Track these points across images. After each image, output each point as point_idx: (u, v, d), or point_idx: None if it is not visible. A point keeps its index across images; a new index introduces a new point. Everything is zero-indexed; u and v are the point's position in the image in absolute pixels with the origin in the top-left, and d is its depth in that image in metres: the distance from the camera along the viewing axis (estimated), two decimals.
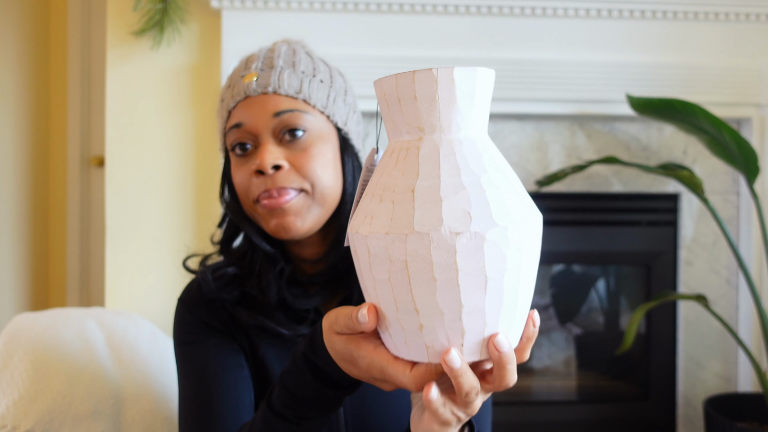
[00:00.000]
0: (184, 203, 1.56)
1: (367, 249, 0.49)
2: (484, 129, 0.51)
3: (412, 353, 0.50)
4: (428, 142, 0.49)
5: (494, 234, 0.45)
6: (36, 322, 1.10)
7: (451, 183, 0.47)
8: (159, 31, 1.50)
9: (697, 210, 1.67)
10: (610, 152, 1.63)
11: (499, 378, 0.51)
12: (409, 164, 0.49)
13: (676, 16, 1.60)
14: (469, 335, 0.48)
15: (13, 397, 0.99)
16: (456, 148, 0.48)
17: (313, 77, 0.80)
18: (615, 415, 1.70)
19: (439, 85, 0.47)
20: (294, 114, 0.77)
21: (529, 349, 0.53)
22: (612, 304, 1.86)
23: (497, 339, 0.48)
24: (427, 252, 0.45)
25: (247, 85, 0.78)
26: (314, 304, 0.81)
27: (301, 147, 0.77)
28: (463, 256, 0.45)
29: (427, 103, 0.48)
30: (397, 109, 0.50)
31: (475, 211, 0.46)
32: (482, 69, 0.49)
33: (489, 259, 0.46)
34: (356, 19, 1.54)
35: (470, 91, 0.48)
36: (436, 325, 0.47)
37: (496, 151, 0.51)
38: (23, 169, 1.93)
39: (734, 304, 1.68)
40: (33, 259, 1.98)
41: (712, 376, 1.68)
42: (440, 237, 0.45)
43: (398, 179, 0.49)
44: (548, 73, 1.57)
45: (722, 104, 1.59)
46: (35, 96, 1.98)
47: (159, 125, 1.55)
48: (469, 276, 0.46)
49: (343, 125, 0.81)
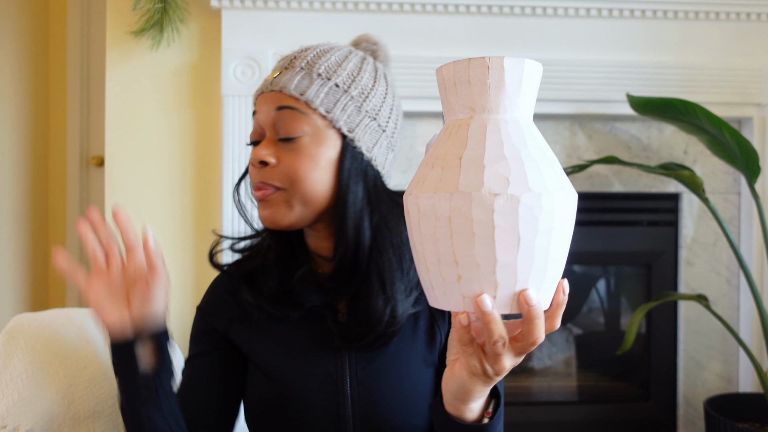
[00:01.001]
0: (184, 203, 1.55)
1: (418, 208, 0.55)
2: (529, 113, 0.57)
3: (451, 303, 0.56)
4: (478, 120, 0.56)
5: (528, 198, 0.51)
6: (36, 322, 1.10)
7: (494, 153, 0.53)
8: (158, 30, 1.50)
9: (698, 210, 1.67)
10: (610, 152, 1.63)
11: (528, 333, 0.55)
12: (459, 138, 0.56)
13: (677, 16, 1.60)
14: (501, 288, 0.53)
15: (12, 397, 0.99)
16: (501, 126, 0.55)
17: (328, 80, 0.80)
18: (615, 416, 1.70)
19: (490, 71, 0.55)
20: (293, 113, 0.78)
21: (558, 317, 0.57)
22: (612, 304, 1.86)
23: (527, 293, 0.53)
24: (468, 209, 0.52)
25: (268, 81, 0.82)
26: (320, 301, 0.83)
27: (292, 148, 0.78)
28: (500, 215, 0.51)
29: (479, 87, 0.55)
30: (453, 92, 0.57)
31: (513, 177, 0.52)
32: (530, 61, 0.55)
33: (523, 220, 0.52)
34: (356, 19, 1.54)
35: (518, 79, 0.55)
36: (472, 276, 0.54)
37: (537, 133, 0.57)
38: (23, 169, 1.93)
39: (735, 304, 1.68)
40: (33, 259, 1.97)
41: (712, 376, 1.68)
42: (481, 197, 0.52)
43: (449, 150, 0.55)
44: (548, 73, 1.57)
45: (723, 104, 1.59)
46: (35, 96, 1.98)
47: (158, 125, 1.55)
48: (504, 233, 0.52)
49: (348, 132, 0.81)
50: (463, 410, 0.65)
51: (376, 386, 0.81)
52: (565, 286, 0.57)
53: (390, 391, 0.81)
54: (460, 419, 0.66)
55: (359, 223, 0.81)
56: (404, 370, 0.82)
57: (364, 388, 0.81)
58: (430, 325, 0.84)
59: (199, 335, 0.90)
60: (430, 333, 0.84)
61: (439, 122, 1.62)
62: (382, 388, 0.81)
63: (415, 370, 0.82)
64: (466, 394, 0.63)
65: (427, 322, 0.84)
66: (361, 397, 0.81)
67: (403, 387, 0.81)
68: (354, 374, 0.81)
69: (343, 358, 0.82)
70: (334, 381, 0.81)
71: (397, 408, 0.80)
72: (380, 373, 0.81)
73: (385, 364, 0.81)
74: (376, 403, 0.80)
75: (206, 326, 0.89)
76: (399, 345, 0.82)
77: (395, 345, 0.82)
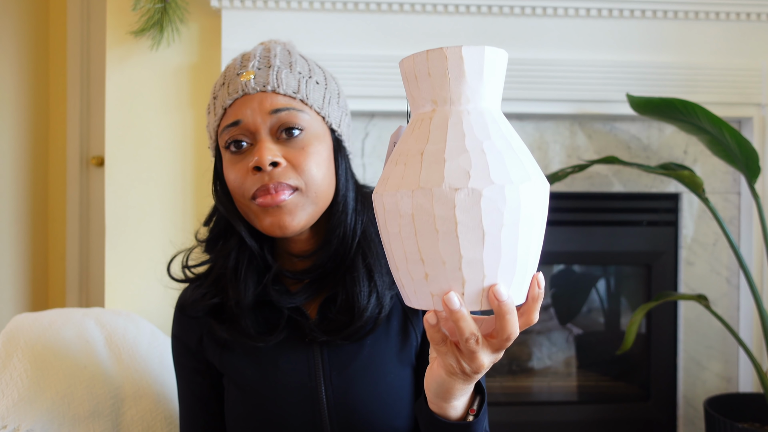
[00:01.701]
0: (184, 203, 1.55)
1: (383, 206, 0.55)
2: (495, 102, 0.55)
3: (421, 302, 0.55)
4: (440, 113, 0.54)
5: (490, 191, 0.50)
6: (35, 322, 1.10)
7: (455, 147, 0.52)
8: (158, 30, 1.50)
9: (698, 210, 1.67)
10: (610, 152, 1.63)
11: (501, 329, 0.54)
12: (421, 132, 0.55)
13: (677, 15, 1.60)
14: (469, 284, 0.52)
15: (12, 397, 0.99)
16: (464, 117, 0.53)
17: (309, 78, 0.81)
18: (615, 416, 1.70)
19: (449, 61, 0.53)
20: (291, 113, 0.77)
21: (535, 311, 0.56)
22: (612, 304, 1.86)
23: (496, 288, 0.52)
24: (430, 206, 0.51)
25: (245, 82, 0.78)
26: (299, 302, 0.82)
27: (297, 145, 0.77)
28: (462, 210, 0.50)
29: (439, 79, 0.54)
30: (415, 85, 0.55)
31: (475, 171, 0.51)
32: (490, 48, 0.53)
33: (486, 214, 0.50)
34: (356, 19, 1.54)
35: (478, 68, 0.53)
36: (438, 274, 0.53)
37: (504, 123, 0.55)
38: (23, 169, 1.93)
39: (735, 304, 1.68)
40: (32, 259, 1.97)
41: (712, 376, 1.68)
42: (441, 192, 0.50)
43: (411, 145, 0.55)
44: (548, 72, 1.57)
45: (723, 104, 1.59)
46: (35, 96, 1.98)
47: (159, 125, 1.55)
48: (467, 229, 0.51)
49: (337, 127, 0.82)
50: (446, 408, 0.64)
51: (352, 391, 0.79)
52: (540, 279, 0.55)
53: (366, 395, 0.79)
54: (444, 417, 0.65)
55: (354, 217, 0.82)
56: (379, 372, 0.80)
57: (340, 395, 0.79)
58: (403, 325, 0.84)
59: (179, 360, 0.91)
60: (403, 332, 0.83)
61: None
62: (359, 393, 0.79)
63: (390, 372, 0.81)
64: (447, 392, 0.62)
65: (400, 322, 0.83)
66: (337, 404, 0.79)
67: (380, 389, 0.80)
68: (329, 382, 0.80)
69: (317, 367, 0.80)
70: (309, 390, 0.80)
71: (375, 411, 0.79)
72: (355, 378, 0.80)
73: (359, 369, 0.80)
74: (354, 409, 0.79)
75: (182, 349, 0.89)
76: (373, 348, 0.81)
77: (369, 348, 0.81)
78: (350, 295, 0.79)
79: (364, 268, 0.80)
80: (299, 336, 0.82)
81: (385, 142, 1.60)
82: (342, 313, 0.79)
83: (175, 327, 0.91)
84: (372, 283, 0.80)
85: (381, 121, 1.60)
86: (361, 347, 0.81)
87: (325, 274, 0.83)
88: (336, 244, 0.81)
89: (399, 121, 1.60)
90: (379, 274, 0.81)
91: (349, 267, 0.81)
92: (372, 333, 0.80)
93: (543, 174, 0.55)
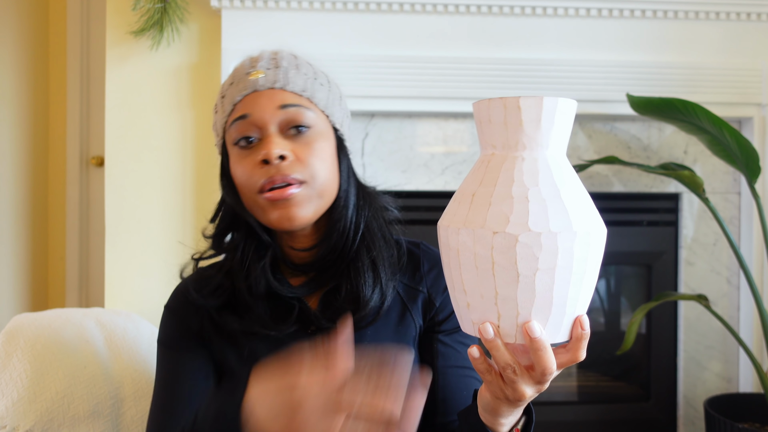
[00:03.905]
0: (184, 203, 1.55)
1: (440, 237, 0.61)
2: (553, 149, 0.59)
3: (466, 326, 0.61)
4: (497, 158, 0.59)
5: (526, 237, 0.54)
6: (35, 323, 1.10)
7: (502, 191, 0.56)
8: (158, 30, 1.50)
9: (698, 210, 1.67)
10: (610, 152, 1.63)
11: (536, 364, 0.57)
12: (479, 173, 0.60)
13: (677, 15, 1.59)
14: (503, 319, 0.57)
15: (12, 397, 0.99)
16: (517, 163, 0.57)
17: (315, 79, 0.85)
18: (616, 416, 1.70)
19: (507, 111, 0.57)
20: (300, 110, 0.80)
21: (580, 350, 0.59)
22: (612, 304, 1.86)
23: (530, 325, 0.56)
24: (472, 244, 0.56)
25: (254, 80, 0.81)
26: (302, 293, 0.84)
27: (304, 141, 0.80)
28: (498, 252, 0.55)
29: (498, 126, 0.58)
30: (480, 129, 0.60)
31: (514, 216, 0.55)
32: (549, 98, 0.57)
33: (521, 258, 0.54)
34: (356, 19, 1.54)
35: (536, 117, 0.57)
36: (478, 305, 0.58)
37: (558, 170, 0.58)
38: (23, 169, 1.93)
39: (735, 304, 1.68)
40: (32, 259, 1.97)
41: (712, 376, 1.68)
42: (482, 234, 0.55)
43: (468, 185, 0.60)
44: (548, 73, 1.57)
45: (723, 104, 1.59)
46: (34, 96, 1.97)
47: (158, 125, 1.55)
48: (502, 269, 0.55)
49: (339, 126, 0.86)
50: (494, 423, 0.68)
51: None
52: (583, 321, 0.58)
53: None
54: (492, 430, 0.68)
55: (356, 212, 0.85)
56: None
57: None
58: (402, 316, 0.87)
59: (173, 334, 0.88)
60: (402, 323, 0.86)
61: (438, 122, 1.62)
62: None
63: None
64: (493, 411, 0.66)
65: (399, 313, 0.87)
66: None
67: None
68: None
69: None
70: None
71: None
72: None
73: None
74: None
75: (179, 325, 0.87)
76: (373, 339, 0.84)
77: (369, 339, 0.84)
78: (355, 286, 0.82)
79: (369, 260, 0.84)
80: (302, 328, 0.84)
81: (385, 142, 1.60)
82: (347, 303, 0.82)
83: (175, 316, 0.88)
84: (376, 274, 0.83)
85: (381, 121, 1.60)
86: (362, 338, 0.83)
87: (325, 267, 0.85)
88: (336, 238, 0.83)
89: (399, 121, 1.60)
90: (383, 267, 0.84)
91: (353, 259, 0.84)
92: (374, 323, 0.83)
93: (599, 222, 0.58)
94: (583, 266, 0.56)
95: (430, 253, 0.92)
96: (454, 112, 1.58)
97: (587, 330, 0.58)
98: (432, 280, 0.89)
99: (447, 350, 0.87)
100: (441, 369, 0.85)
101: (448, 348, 0.87)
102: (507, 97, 0.57)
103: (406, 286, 0.88)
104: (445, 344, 0.87)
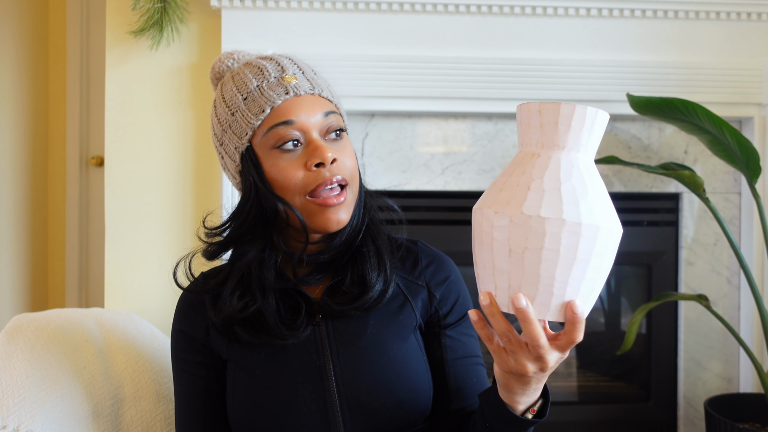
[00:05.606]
0: (184, 203, 1.55)
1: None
2: (583, 152, 0.65)
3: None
4: (532, 155, 0.65)
5: (518, 218, 0.61)
6: (35, 323, 1.10)
7: (536, 184, 0.62)
8: (158, 30, 1.50)
9: (698, 210, 1.67)
10: (610, 152, 1.63)
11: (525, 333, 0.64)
12: (515, 167, 0.66)
13: (677, 15, 1.59)
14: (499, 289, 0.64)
15: (12, 397, 0.99)
16: (551, 162, 0.64)
17: (327, 83, 0.91)
18: (616, 416, 1.70)
19: (543, 116, 0.64)
20: (337, 116, 0.86)
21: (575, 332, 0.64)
22: (613, 304, 1.86)
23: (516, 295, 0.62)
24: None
25: (293, 84, 0.84)
26: (311, 283, 0.88)
27: (342, 144, 0.85)
28: (497, 229, 0.62)
29: (536, 128, 0.65)
30: (520, 129, 0.67)
31: (546, 205, 0.60)
32: (581, 107, 0.63)
33: (512, 235, 0.61)
34: (356, 19, 1.54)
35: (568, 122, 0.63)
36: (480, 274, 0.66)
37: (587, 172, 0.64)
38: (22, 169, 1.93)
39: (735, 304, 1.68)
40: (32, 259, 1.97)
41: (713, 376, 1.68)
42: (488, 213, 0.63)
43: (506, 176, 0.66)
44: (548, 73, 1.57)
45: (723, 104, 1.59)
46: (34, 96, 1.98)
47: (158, 125, 1.55)
48: (499, 244, 0.62)
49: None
50: (510, 400, 0.72)
51: (359, 367, 0.84)
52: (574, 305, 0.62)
53: (373, 370, 0.84)
54: (510, 407, 0.73)
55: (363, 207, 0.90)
56: (383, 348, 0.86)
57: (348, 370, 0.84)
58: (402, 305, 0.90)
59: (181, 355, 0.91)
60: (402, 312, 0.89)
61: (438, 122, 1.62)
62: (365, 368, 0.84)
63: (392, 347, 0.86)
64: (506, 386, 0.71)
65: (400, 302, 0.90)
66: (345, 378, 0.84)
67: (383, 364, 0.85)
68: (336, 358, 0.85)
69: (324, 344, 0.86)
70: (317, 367, 0.84)
71: (381, 385, 0.84)
72: (361, 354, 0.85)
73: (364, 345, 0.85)
74: (362, 382, 0.84)
75: (186, 343, 0.91)
76: (375, 326, 0.87)
77: (371, 327, 0.87)
78: (361, 270, 0.86)
79: (374, 248, 0.88)
80: (308, 321, 0.86)
81: (385, 142, 1.60)
82: (354, 286, 0.86)
83: (179, 321, 0.93)
84: (381, 260, 0.88)
85: (381, 121, 1.60)
86: (365, 326, 0.86)
87: (332, 260, 0.89)
88: (348, 231, 0.87)
89: (399, 121, 1.60)
90: (387, 254, 0.89)
91: (358, 248, 0.88)
92: (377, 307, 0.86)
93: (614, 220, 0.63)
94: (572, 254, 0.61)
95: (427, 249, 0.96)
96: (454, 112, 1.58)
97: (579, 314, 0.62)
98: (430, 274, 0.93)
99: (454, 343, 0.91)
100: (451, 361, 0.90)
101: (455, 341, 0.91)
102: (543, 102, 0.64)
103: (406, 280, 0.92)
104: (452, 338, 0.91)
